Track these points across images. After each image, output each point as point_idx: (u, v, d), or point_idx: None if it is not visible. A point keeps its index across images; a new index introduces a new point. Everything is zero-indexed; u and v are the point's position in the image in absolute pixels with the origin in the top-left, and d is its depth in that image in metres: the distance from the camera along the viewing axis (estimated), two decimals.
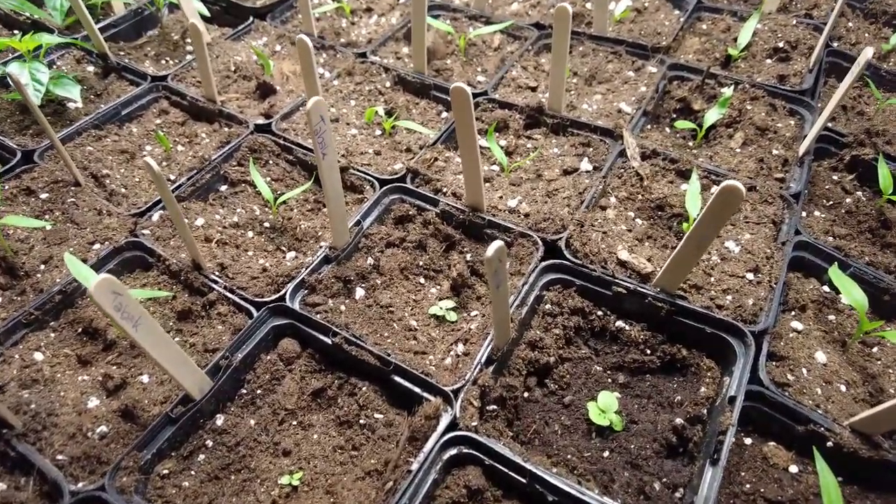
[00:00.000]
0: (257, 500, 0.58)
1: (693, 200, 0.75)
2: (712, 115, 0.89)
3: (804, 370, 0.65)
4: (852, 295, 0.67)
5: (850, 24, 1.17)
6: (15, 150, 0.87)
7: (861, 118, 0.99)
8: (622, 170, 0.83)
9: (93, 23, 1.01)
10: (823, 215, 0.83)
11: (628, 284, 0.68)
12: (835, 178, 0.88)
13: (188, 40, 1.09)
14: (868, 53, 0.78)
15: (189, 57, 1.06)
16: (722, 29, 1.10)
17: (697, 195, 0.76)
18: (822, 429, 0.60)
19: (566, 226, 0.76)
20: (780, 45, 1.05)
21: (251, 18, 1.11)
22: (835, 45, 1.09)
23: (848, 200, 0.85)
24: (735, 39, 1.07)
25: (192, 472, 0.60)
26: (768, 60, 1.04)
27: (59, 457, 0.58)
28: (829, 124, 0.94)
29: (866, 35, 1.16)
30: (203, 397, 0.62)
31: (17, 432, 0.59)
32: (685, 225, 0.76)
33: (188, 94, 0.95)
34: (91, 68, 1.04)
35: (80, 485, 0.56)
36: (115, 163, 0.89)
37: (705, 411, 0.62)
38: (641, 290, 0.67)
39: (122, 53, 1.07)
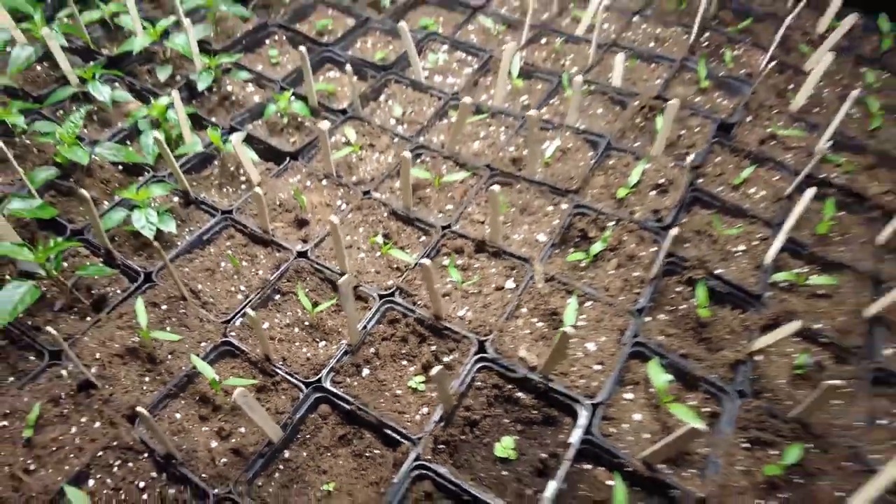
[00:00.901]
0: (308, 499, 1.06)
1: (570, 314, 1.22)
2: (596, 247, 1.37)
3: (624, 425, 1.13)
4: (657, 379, 1.14)
5: (718, 158, 1.64)
6: (140, 271, 1.35)
7: (709, 240, 1.46)
8: (531, 288, 1.31)
9: (177, 165, 1.48)
10: (664, 318, 1.31)
11: (522, 372, 1.16)
12: (678, 290, 1.36)
13: (242, 170, 1.56)
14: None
15: (244, 187, 1.53)
16: (623, 165, 1.57)
17: (573, 310, 1.23)
18: (624, 460, 1.08)
19: (492, 330, 1.23)
20: (661, 181, 1.52)
21: (287, 159, 1.58)
22: (700, 181, 1.56)
23: (683, 307, 1.32)
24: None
25: (273, 484, 1.07)
26: (652, 193, 1.51)
27: (203, 475, 1.06)
28: (678, 250, 1.41)
29: (730, 167, 1.63)
30: (279, 441, 1.10)
31: (178, 462, 1.07)
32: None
33: (248, 224, 1.42)
34: (176, 199, 1.51)
35: (216, 491, 1.04)
36: (203, 278, 1.36)
37: (561, 450, 1.09)
38: (529, 376, 1.15)
39: (195, 184, 1.54)
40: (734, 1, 2.10)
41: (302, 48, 1.58)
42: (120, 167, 1.56)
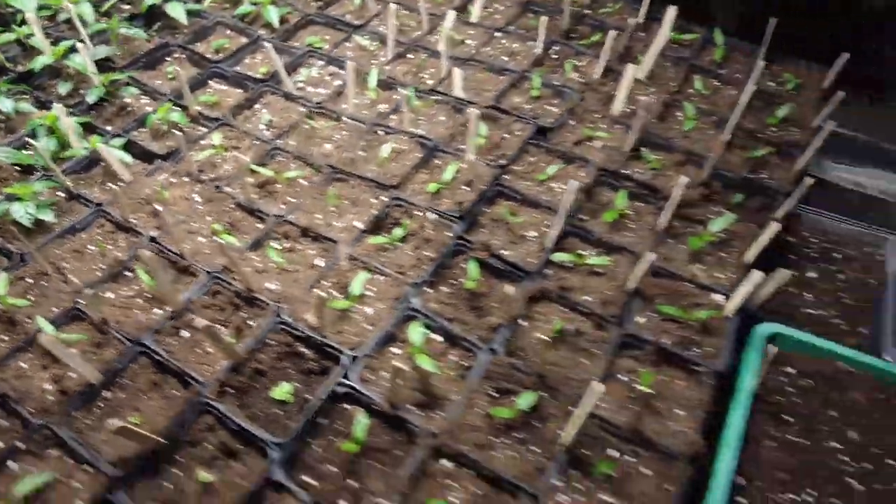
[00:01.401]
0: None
1: (356, 285, 1.47)
2: (398, 232, 1.61)
3: (384, 374, 1.37)
4: (413, 336, 1.38)
5: (532, 158, 1.88)
6: (13, 252, 1.63)
7: (505, 227, 1.70)
8: (336, 266, 1.56)
9: (54, 165, 1.76)
10: (444, 290, 1.54)
11: (307, 332, 1.42)
12: (462, 267, 1.59)
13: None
14: None
15: (121, 184, 1.81)
16: (445, 165, 1.81)
17: (360, 282, 1.48)
18: (373, 401, 1.31)
19: (292, 300, 1.49)
20: (471, 178, 1.76)
21: (158, 161, 1.86)
22: (507, 177, 1.80)
23: (462, 281, 1.56)
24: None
25: (90, 417, 1.33)
26: (462, 188, 1.75)
27: (31, 409, 1.33)
28: (474, 234, 1.66)
29: (541, 165, 1.86)
30: (99, 383, 1.35)
31: (12, 399, 1.34)
32: None
33: (115, 215, 1.70)
34: (62, 194, 1.79)
35: (39, 421, 1.30)
36: (71, 258, 1.63)
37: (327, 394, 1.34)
38: (311, 334, 1.41)
39: (81, 182, 1.82)
40: (590, 17, 2.36)
41: (176, 67, 1.87)
42: (17, 168, 1.86)
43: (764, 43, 2.17)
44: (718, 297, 1.56)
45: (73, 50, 2.07)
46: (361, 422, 1.27)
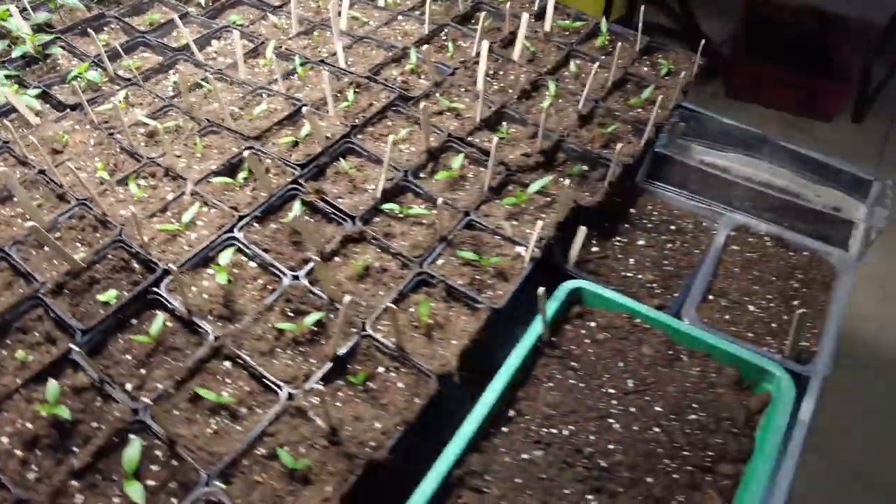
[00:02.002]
0: None
1: (187, 215, 1.70)
2: (242, 174, 1.83)
3: (195, 288, 1.58)
4: (223, 259, 1.59)
5: (390, 122, 2.07)
6: None
7: (347, 179, 1.90)
8: (182, 199, 1.80)
9: None
10: (272, 226, 1.75)
11: (138, 251, 1.65)
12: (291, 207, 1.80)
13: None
14: None
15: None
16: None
17: (191, 213, 1.70)
18: (175, 308, 1.53)
19: (132, 223, 1.72)
20: (328, 135, 1.97)
21: (67, 109, 2.14)
22: (360, 136, 2.00)
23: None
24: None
25: None
26: (315, 143, 1.97)
27: None
28: (321, 185, 1.87)
29: (398, 128, 2.06)
30: None
31: None
32: None
33: (17, 152, 1.98)
34: None
35: None
36: None
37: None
38: (140, 252, 1.64)
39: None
40: (487, 5, 2.55)
41: (93, 33, 2.17)
42: None
43: (636, 29, 2.33)
44: (520, 249, 1.72)
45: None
46: (159, 321, 1.49)
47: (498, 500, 1.37)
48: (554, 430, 1.48)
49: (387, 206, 1.80)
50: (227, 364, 1.48)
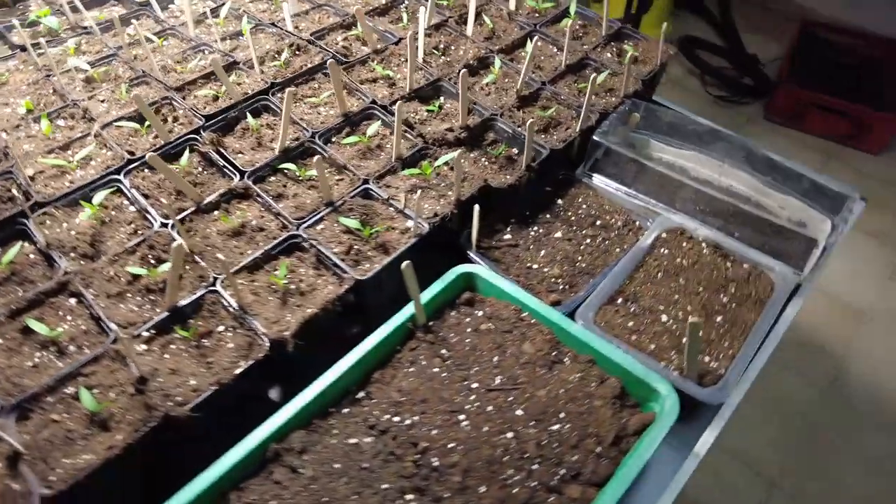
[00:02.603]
0: None
1: (83, 153, 1.68)
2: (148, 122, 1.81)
3: (64, 224, 1.56)
4: (96, 198, 1.56)
5: (316, 84, 2.00)
6: None
7: (256, 135, 1.84)
8: (89, 133, 1.79)
9: None
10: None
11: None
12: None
13: None
14: None
15: None
16: (243, 77, 2.00)
17: (87, 152, 1.69)
18: None
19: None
20: (246, 92, 1.93)
21: (17, 51, 2.20)
22: (281, 96, 1.94)
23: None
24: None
25: None
26: (230, 100, 1.92)
27: None
28: None
29: (322, 90, 1.98)
30: None
31: None
32: None
33: None
34: None
35: None
36: None
37: None
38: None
39: None
40: None
41: None
42: None
43: (600, 16, 2.17)
44: (410, 223, 1.60)
45: None
46: (13, 251, 1.48)
47: (309, 483, 1.26)
48: (396, 419, 1.36)
49: (285, 166, 1.73)
50: (73, 301, 1.44)
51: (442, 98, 1.99)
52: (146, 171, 1.71)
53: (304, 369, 1.36)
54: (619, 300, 1.61)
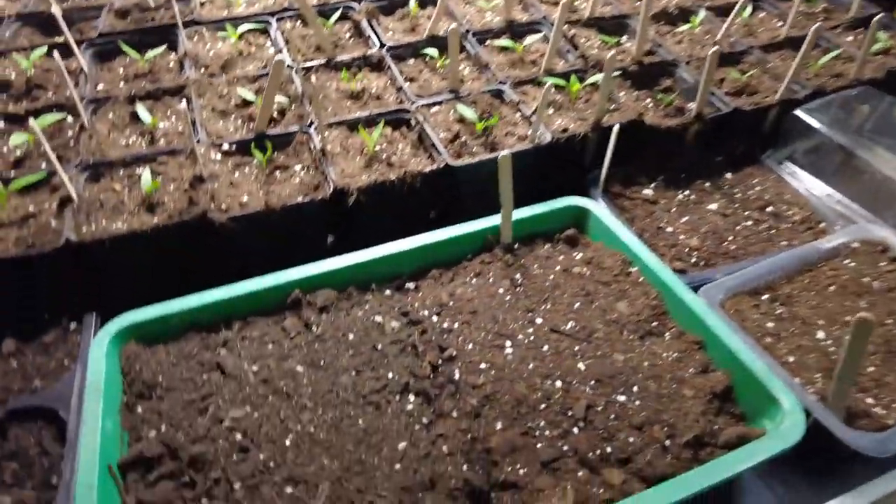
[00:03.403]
0: None
1: None
2: None
3: None
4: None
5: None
6: None
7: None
8: None
9: None
10: None
11: None
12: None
13: None
14: None
15: None
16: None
17: None
18: None
19: None
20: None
21: None
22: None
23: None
24: None
25: None
26: None
27: None
28: None
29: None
30: None
31: None
32: None
33: None
34: None
35: None
36: None
37: None
38: None
39: None
40: None
41: None
42: None
43: None
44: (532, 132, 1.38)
45: None
46: (156, 50, 1.55)
47: (314, 342, 1.09)
48: (435, 318, 1.14)
49: (427, 51, 1.61)
50: (182, 105, 1.45)
51: (625, 37, 1.75)
52: (298, 22, 1.72)
53: (368, 237, 1.22)
54: (765, 296, 1.23)
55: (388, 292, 1.21)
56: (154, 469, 0.91)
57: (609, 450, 0.95)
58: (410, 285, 1.23)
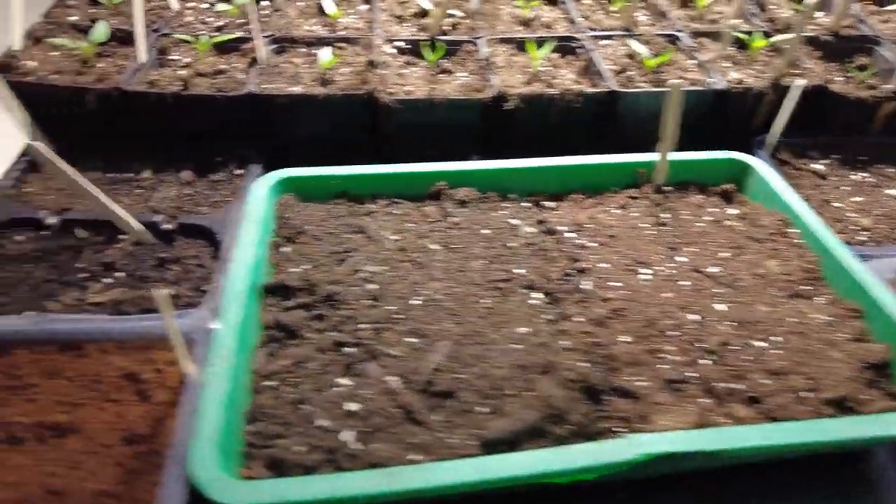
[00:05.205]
0: None
1: None
2: None
3: None
4: None
5: None
6: None
7: None
8: None
9: None
10: None
11: None
12: None
13: None
14: None
15: None
16: None
17: None
18: None
19: None
20: None
21: None
22: None
23: None
24: None
25: None
26: None
27: None
28: None
29: None
30: None
31: None
32: None
33: None
34: None
35: None
36: None
37: None
38: None
39: None
40: None
41: None
42: None
43: None
44: (707, 79, 1.33)
45: None
46: None
47: (450, 229, 1.13)
48: (570, 234, 1.14)
49: None
50: (365, 7, 1.56)
51: (822, 13, 1.63)
52: None
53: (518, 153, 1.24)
54: None
55: (524, 204, 1.22)
56: (291, 297, 0.99)
57: (740, 387, 0.91)
58: (550, 203, 1.23)
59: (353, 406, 0.84)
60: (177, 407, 0.84)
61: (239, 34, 1.37)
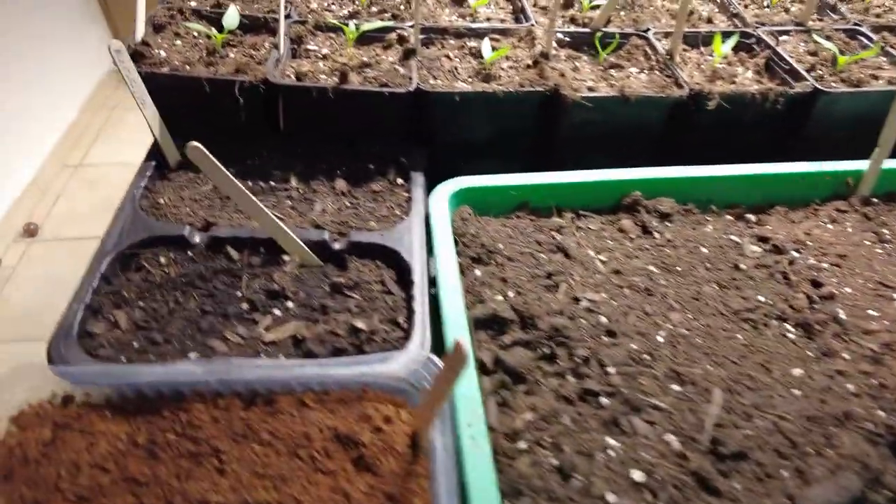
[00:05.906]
0: None
1: None
2: None
3: None
4: None
5: None
6: None
7: None
8: None
9: None
10: None
11: None
12: None
13: None
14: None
15: None
16: None
17: None
18: None
19: None
20: None
21: None
22: None
23: None
24: None
25: None
26: None
27: None
28: None
29: None
30: None
31: None
32: None
33: None
34: None
35: None
36: None
37: None
38: None
39: None
40: None
41: None
42: None
43: None
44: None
45: None
46: None
47: (664, 246, 0.98)
48: (796, 253, 0.99)
49: None
50: None
51: None
52: None
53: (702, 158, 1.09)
54: None
55: (728, 217, 1.07)
56: (506, 332, 0.84)
57: None
58: (751, 217, 1.08)
59: (637, 475, 0.69)
60: (413, 480, 0.66)
61: (389, 22, 1.20)
